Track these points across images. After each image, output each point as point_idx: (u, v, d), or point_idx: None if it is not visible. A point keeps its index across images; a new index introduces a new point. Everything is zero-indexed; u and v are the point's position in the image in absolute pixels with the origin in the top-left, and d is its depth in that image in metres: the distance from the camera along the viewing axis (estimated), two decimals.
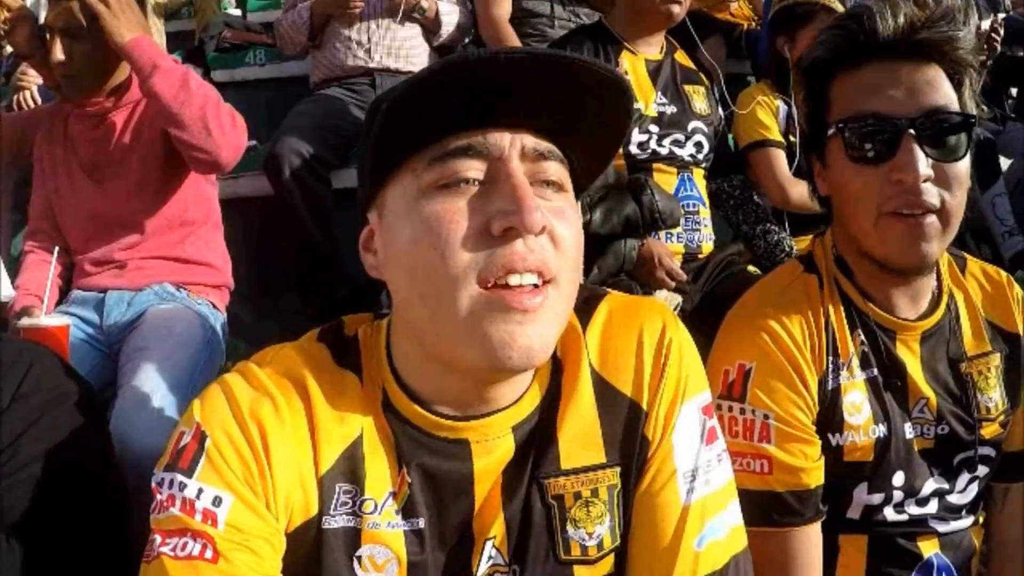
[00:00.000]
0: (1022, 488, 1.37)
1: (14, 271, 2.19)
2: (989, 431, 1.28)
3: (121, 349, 1.97)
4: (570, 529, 0.91)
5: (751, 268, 2.33)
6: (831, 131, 1.19)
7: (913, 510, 1.26)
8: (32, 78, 3.13)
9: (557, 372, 0.94)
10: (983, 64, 4.77)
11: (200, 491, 0.81)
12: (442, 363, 0.84)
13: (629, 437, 0.93)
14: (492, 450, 0.90)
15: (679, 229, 2.22)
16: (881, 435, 1.23)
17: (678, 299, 2.05)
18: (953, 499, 1.27)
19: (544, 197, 0.81)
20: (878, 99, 1.14)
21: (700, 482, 0.92)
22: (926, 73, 1.15)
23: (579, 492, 0.91)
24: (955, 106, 1.15)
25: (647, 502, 0.92)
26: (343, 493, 0.87)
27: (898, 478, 1.24)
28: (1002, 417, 1.30)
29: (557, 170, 0.84)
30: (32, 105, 3.12)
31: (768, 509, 1.18)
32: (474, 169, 0.79)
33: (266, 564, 0.82)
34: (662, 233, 2.17)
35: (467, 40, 3.45)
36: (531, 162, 0.81)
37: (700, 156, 2.33)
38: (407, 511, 0.88)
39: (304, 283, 2.91)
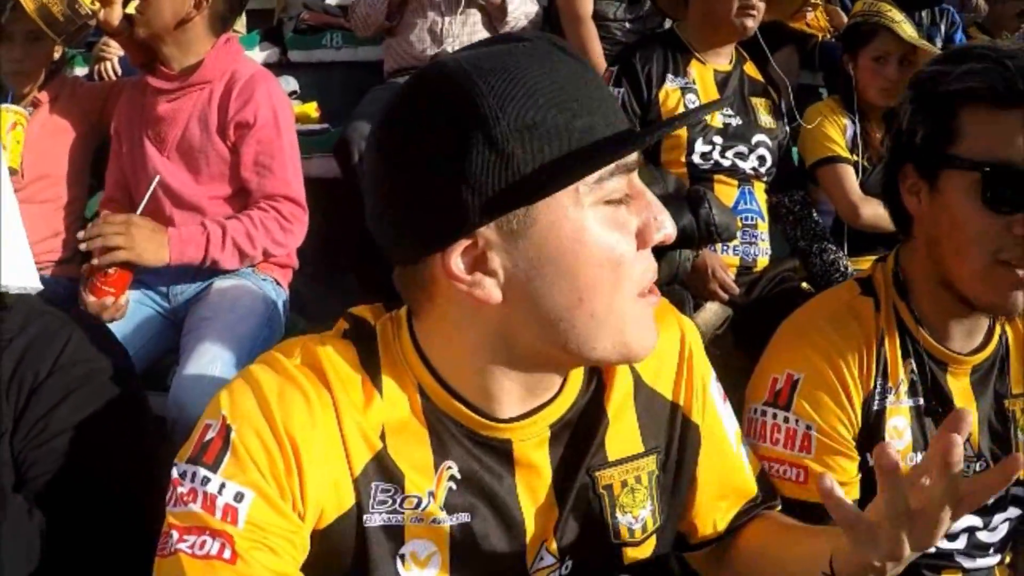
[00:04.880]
0: None
1: None
2: None
3: (185, 319, 2.06)
4: (619, 515, 0.98)
5: (804, 285, 2.34)
6: (963, 166, 1.16)
7: (942, 544, 1.25)
8: (114, 49, 3.20)
9: (595, 368, 0.98)
10: None
11: (223, 486, 0.81)
12: (515, 363, 0.88)
13: (671, 426, 1.03)
14: (533, 447, 0.93)
15: (736, 242, 2.23)
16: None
17: (729, 311, 2.07)
18: (982, 536, 1.28)
19: None
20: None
21: (733, 431, 1.10)
22: None
23: (625, 480, 0.98)
24: None
25: (717, 463, 1.07)
26: (380, 492, 0.88)
27: None
28: None
29: None
30: (113, 76, 3.19)
31: (803, 519, 1.18)
32: (624, 185, 0.82)
33: (284, 562, 0.82)
34: (718, 245, 2.19)
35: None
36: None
37: (762, 170, 2.34)
38: (450, 507, 0.90)
39: (363, 266, 2.97)
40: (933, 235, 1.22)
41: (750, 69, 2.48)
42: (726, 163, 2.27)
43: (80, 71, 3.48)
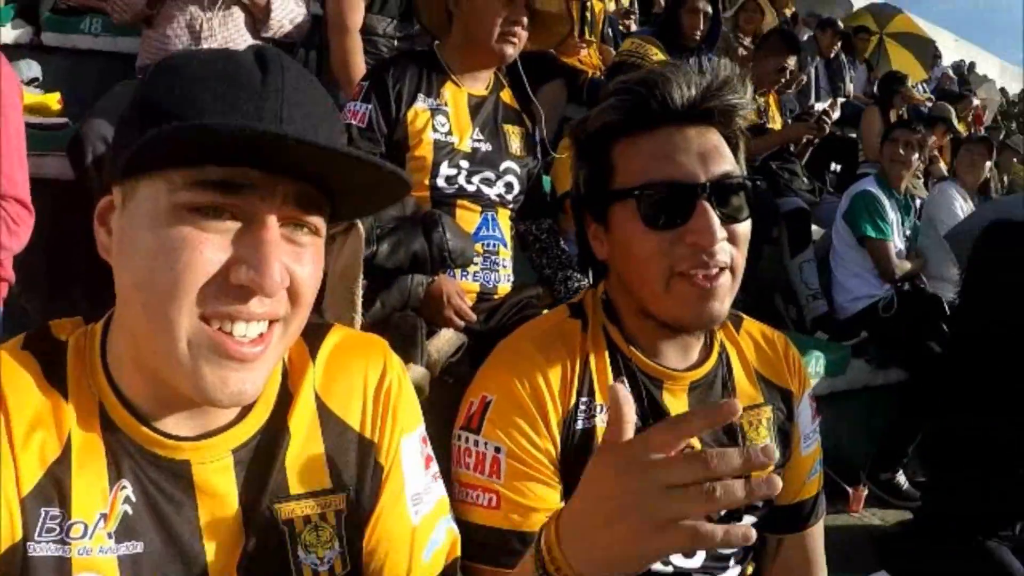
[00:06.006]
0: (795, 539, 1.44)
1: None
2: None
3: None
4: (301, 554, 0.93)
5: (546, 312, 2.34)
6: (620, 196, 1.19)
7: (679, 562, 1.27)
8: None
9: (284, 394, 0.96)
10: (811, 143, 5.15)
11: None
12: (157, 374, 0.83)
13: (361, 465, 0.98)
14: (214, 472, 0.89)
15: (476, 268, 2.21)
16: None
17: (464, 339, 2.04)
18: (719, 550, 1.29)
19: (293, 240, 0.83)
20: (671, 165, 1.16)
21: (424, 504, 1.03)
22: (711, 139, 1.19)
23: (308, 516, 0.94)
24: (738, 170, 1.20)
25: (384, 525, 0.99)
26: (49, 518, 0.82)
27: None
28: (771, 468, 1.31)
29: (315, 218, 0.85)
30: None
31: (495, 548, 1.16)
32: (231, 203, 0.78)
33: None
34: (458, 271, 2.17)
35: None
36: (292, 206, 0.82)
37: (509, 197, 2.33)
38: (121, 534, 0.84)
39: (92, 279, 2.73)
40: (620, 271, 1.25)
41: (507, 96, 2.47)
42: (471, 188, 2.24)
43: None
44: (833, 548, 1.51)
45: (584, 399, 1.24)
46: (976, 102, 9.45)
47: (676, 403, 1.28)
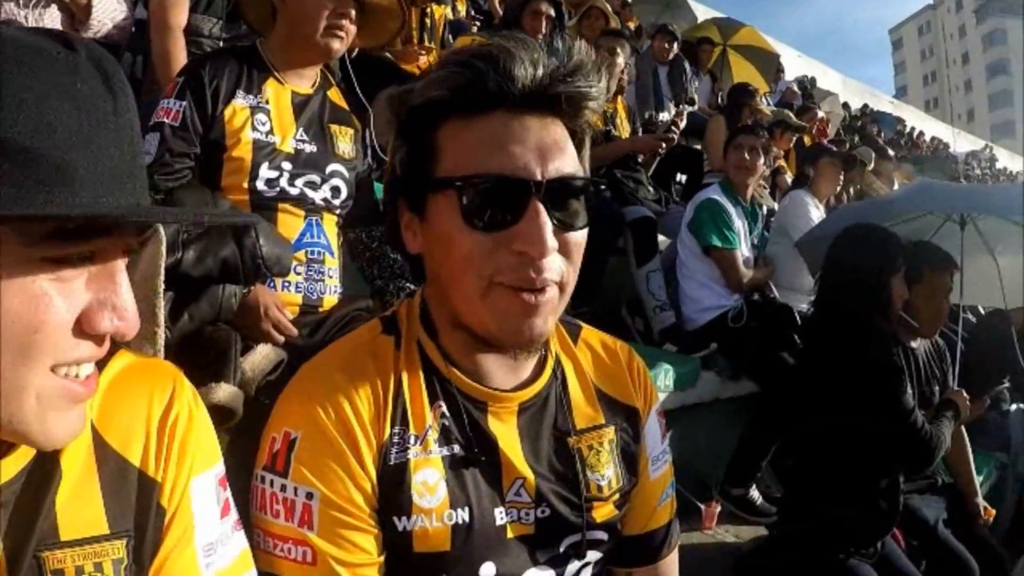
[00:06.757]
0: (647, 572, 1.31)
1: None
2: (602, 513, 1.18)
3: None
4: None
5: (358, 328, 2.19)
6: (441, 186, 1.02)
7: None
8: None
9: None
10: (656, 153, 5.22)
11: None
12: None
13: (142, 507, 0.88)
14: None
15: (298, 278, 2.05)
16: (461, 521, 1.08)
17: (283, 355, 1.86)
18: None
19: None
20: (503, 157, 0.99)
21: (219, 556, 0.92)
22: (553, 132, 1.03)
23: (81, 567, 0.83)
24: (581, 171, 1.05)
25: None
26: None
27: (487, 569, 1.10)
28: (616, 497, 1.21)
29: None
30: None
31: None
32: (91, 249, 0.74)
33: None
34: (279, 281, 2.00)
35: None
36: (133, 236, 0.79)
37: (336, 202, 2.18)
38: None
39: None
40: (433, 271, 1.10)
41: (335, 95, 2.33)
42: (294, 191, 2.08)
43: None
44: (687, 567, 1.41)
45: (397, 429, 1.09)
46: (820, 114, 9.82)
47: (503, 428, 1.14)
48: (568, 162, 1.02)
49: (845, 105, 16.62)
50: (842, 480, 2.80)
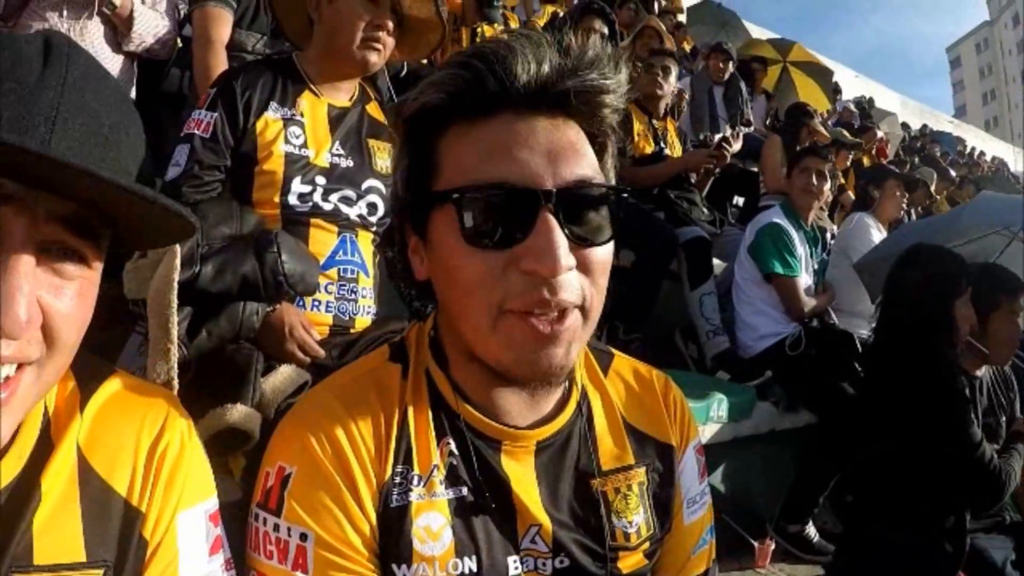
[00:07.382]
0: None
1: None
2: (629, 563, 1.06)
3: None
4: None
5: (366, 355, 2.09)
6: (438, 200, 0.91)
7: None
8: None
9: (41, 449, 0.83)
10: (711, 173, 5.06)
11: None
12: None
13: (124, 537, 0.85)
14: None
15: (329, 297, 1.97)
16: (468, 571, 0.98)
17: (307, 377, 1.76)
18: None
19: (56, 271, 0.74)
20: (508, 163, 0.88)
21: None
22: (566, 133, 0.91)
23: None
24: (600, 177, 0.92)
25: None
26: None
27: None
28: (646, 545, 1.08)
29: (87, 246, 0.76)
30: None
31: None
32: None
33: None
34: (308, 300, 1.91)
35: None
36: (57, 227, 0.73)
37: (372, 218, 2.09)
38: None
39: None
40: (442, 299, 0.98)
41: (374, 110, 2.25)
42: (328, 207, 2.00)
43: None
44: None
45: (400, 468, 0.98)
46: (880, 134, 9.58)
47: (519, 468, 1.02)
48: (584, 167, 0.91)
49: (904, 125, 16.21)
50: (906, 513, 2.63)
